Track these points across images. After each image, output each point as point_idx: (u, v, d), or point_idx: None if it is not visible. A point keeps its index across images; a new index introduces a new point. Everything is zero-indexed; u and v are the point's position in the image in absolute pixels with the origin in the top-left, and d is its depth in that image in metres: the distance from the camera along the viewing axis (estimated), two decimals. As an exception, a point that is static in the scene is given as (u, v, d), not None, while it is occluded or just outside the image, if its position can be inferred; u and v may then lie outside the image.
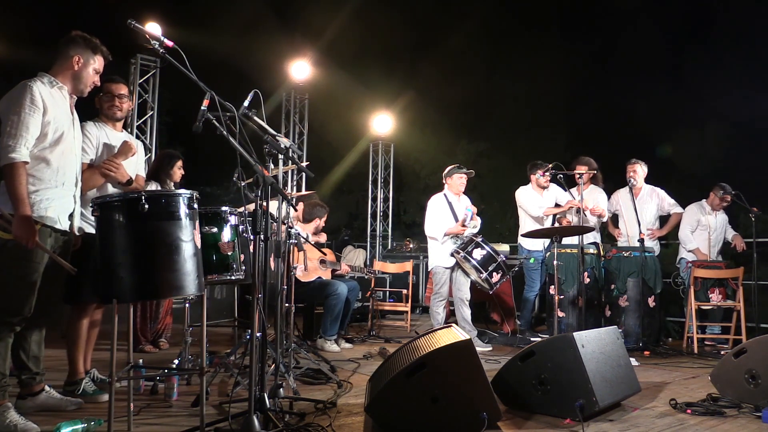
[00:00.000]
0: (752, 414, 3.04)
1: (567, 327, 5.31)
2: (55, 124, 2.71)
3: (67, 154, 2.79)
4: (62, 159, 2.76)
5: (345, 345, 5.13)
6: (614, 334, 3.36)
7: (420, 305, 8.17)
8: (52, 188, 2.72)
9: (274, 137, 2.98)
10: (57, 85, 2.79)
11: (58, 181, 2.75)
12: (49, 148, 2.71)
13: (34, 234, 2.56)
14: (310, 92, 9.63)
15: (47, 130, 2.69)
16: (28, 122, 2.60)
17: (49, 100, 2.70)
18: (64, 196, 2.79)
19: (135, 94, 7.27)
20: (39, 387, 2.84)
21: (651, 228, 5.80)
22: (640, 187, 5.90)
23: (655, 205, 5.91)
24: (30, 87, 2.64)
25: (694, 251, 5.81)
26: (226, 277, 3.24)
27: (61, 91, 2.81)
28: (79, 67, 2.83)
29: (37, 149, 2.66)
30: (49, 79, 2.77)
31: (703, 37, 18.22)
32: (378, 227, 10.69)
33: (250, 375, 2.47)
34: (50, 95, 2.72)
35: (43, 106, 2.65)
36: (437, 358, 2.62)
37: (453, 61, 18.21)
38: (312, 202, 5.32)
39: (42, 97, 2.66)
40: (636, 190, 5.88)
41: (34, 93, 2.63)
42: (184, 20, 11.53)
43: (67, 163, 2.80)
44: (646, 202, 5.89)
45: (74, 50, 2.83)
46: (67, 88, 2.84)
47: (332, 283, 4.92)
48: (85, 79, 2.87)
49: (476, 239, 5.09)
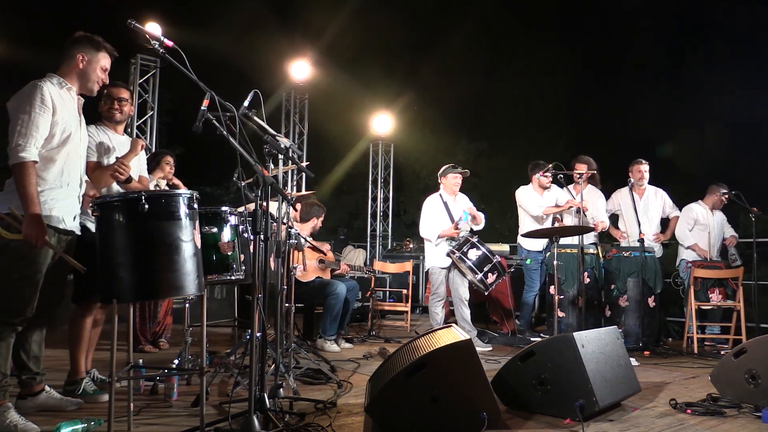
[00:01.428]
0: (752, 414, 3.04)
1: (567, 327, 5.31)
2: (62, 125, 2.73)
3: (72, 155, 2.80)
4: (68, 160, 2.77)
5: (345, 345, 5.13)
6: (614, 334, 3.36)
7: (420, 305, 8.18)
8: (57, 188, 2.73)
9: (274, 137, 2.98)
10: (66, 86, 2.81)
11: (63, 181, 2.76)
12: (56, 149, 2.72)
13: (44, 233, 2.57)
14: (310, 92, 9.63)
15: (55, 130, 2.70)
16: (38, 122, 2.61)
17: (58, 100, 2.71)
18: (69, 197, 2.80)
19: (135, 94, 7.28)
20: (39, 387, 2.85)
21: (656, 233, 5.79)
22: (645, 188, 5.89)
23: (660, 206, 5.91)
24: (40, 87, 2.66)
25: (692, 247, 5.80)
26: (226, 277, 3.25)
27: (70, 92, 2.83)
28: (84, 65, 2.84)
29: (45, 149, 2.68)
30: (58, 80, 2.79)
31: (703, 37, 18.23)
32: (378, 227, 10.69)
33: (250, 375, 2.47)
34: (59, 96, 2.74)
35: (52, 106, 2.67)
36: (437, 358, 2.62)
37: (453, 61, 18.21)
38: (309, 202, 5.32)
39: (52, 98, 2.67)
40: (641, 191, 5.87)
41: (44, 93, 2.65)
42: (184, 20, 11.52)
43: (72, 164, 2.81)
44: (652, 203, 5.87)
45: (78, 49, 2.84)
46: (75, 89, 2.86)
47: (331, 283, 4.92)
48: (91, 77, 2.88)
49: (472, 239, 5.08)
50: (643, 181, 5.82)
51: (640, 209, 5.75)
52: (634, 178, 5.84)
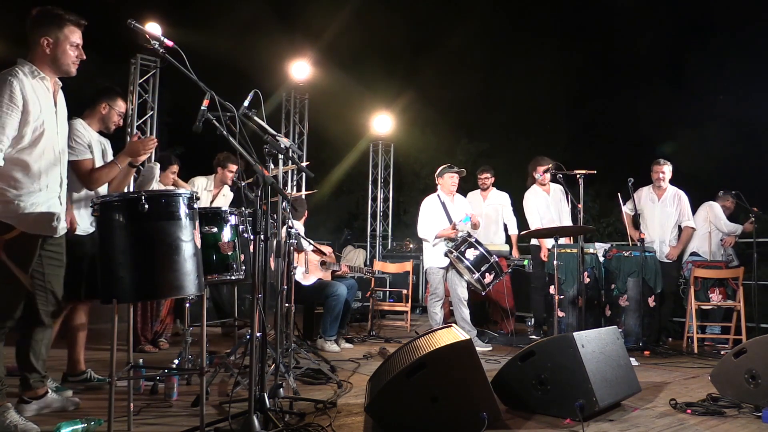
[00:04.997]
0: (752, 414, 3.04)
1: (567, 327, 5.31)
2: (34, 123, 2.51)
3: (47, 154, 2.59)
4: (42, 160, 2.56)
5: (345, 345, 5.13)
6: (614, 334, 3.36)
7: (420, 305, 8.18)
8: (35, 192, 2.54)
9: (274, 137, 2.98)
10: (39, 75, 2.57)
11: (42, 184, 2.57)
12: (27, 149, 2.51)
13: None
14: (310, 92, 9.62)
15: (25, 131, 2.48)
16: (4, 122, 2.41)
17: (30, 94, 2.50)
18: (49, 200, 2.61)
19: (135, 94, 7.27)
20: (43, 390, 2.80)
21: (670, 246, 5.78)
22: (665, 188, 5.84)
23: (677, 212, 5.80)
24: (10, 82, 2.44)
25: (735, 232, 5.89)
26: (226, 277, 3.25)
27: (43, 81, 2.60)
28: (51, 49, 2.59)
29: (15, 151, 2.48)
30: (30, 68, 2.55)
31: (704, 38, 18.22)
32: (378, 227, 10.69)
33: (250, 375, 2.47)
34: (32, 89, 2.52)
35: (23, 102, 2.46)
36: (437, 358, 2.62)
37: (453, 61, 18.22)
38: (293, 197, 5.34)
39: (23, 93, 2.46)
40: (660, 192, 5.85)
41: (13, 88, 2.43)
42: (184, 20, 11.54)
43: (48, 164, 2.60)
44: (668, 206, 5.81)
45: (40, 32, 2.57)
46: (49, 78, 2.62)
47: (332, 284, 4.92)
48: (63, 60, 2.62)
49: (470, 239, 5.08)
50: (660, 182, 5.80)
51: (657, 210, 5.75)
52: (652, 178, 5.85)
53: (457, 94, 17.25)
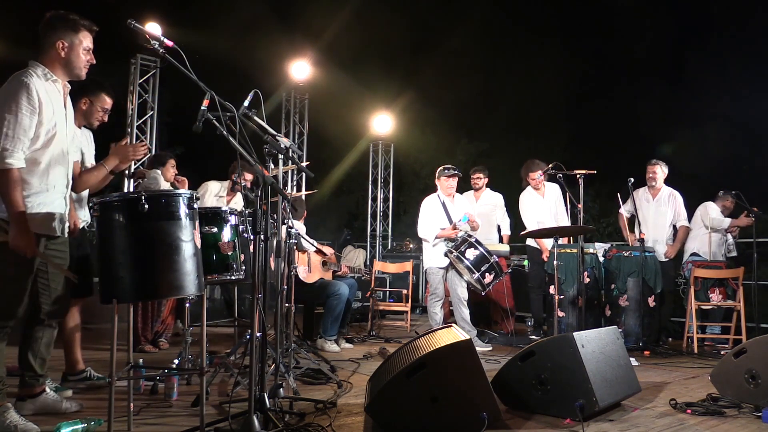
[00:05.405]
0: (752, 414, 3.04)
1: (567, 327, 5.31)
2: (48, 124, 2.56)
3: (57, 156, 2.63)
4: (53, 160, 2.61)
5: (345, 345, 5.13)
6: (614, 334, 3.36)
7: (420, 305, 8.17)
8: (42, 192, 2.58)
9: (274, 137, 2.98)
10: (51, 78, 2.62)
11: (49, 184, 2.61)
12: (40, 150, 2.55)
13: (33, 243, 2.46)
14: (310, 92, 9.63)
15: (40, 131, 2.53)
16: (25, 124, 2.45)
17: (44, 96, 2.54)
18: (55, 200, 2.65)
19: (135, 94, 7.27)
20: (40, 389, 2.81)
21: (668, 245, 5.78)
22: (659, 188, 5.86)
23: (672, 211, 5.82)
24: (26, 84, 2.48)
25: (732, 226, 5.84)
26: (226, 277, 3.25)
27: (55, 84, 2.64)
28: (66, 53, 2.63)
29: (29, 151, 2.52)
30: (43, 71, 2.60)
31: (704, 37, 18.23)
32: (378, 227, 10.69)
33: (250, 375, 2.47)
34: (45, 91, 2.56)
35: (39, 105, 2.50)
36: (437, 358, 2.62)
37: (453, 62, 18.21)
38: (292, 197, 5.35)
39: (38, 95, 2.50)
40: (654, 191, 5.85)
41: (30, 91, 2.47)
42: (184, 20, 11.52)
43: (58, 165, 2.64)
44: (663, 206, 5.82)
45: (55, 35, 2.61)
46: (60, 80, 2.66)
47: (334, 284, 4.93)
48: (76, 64, 2.67)
49: (470, 239, 5.07)
50: (653, 182, 5.80)
51: (651, 210, 5.75)
52: (646, 178, 5.86)
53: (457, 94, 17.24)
